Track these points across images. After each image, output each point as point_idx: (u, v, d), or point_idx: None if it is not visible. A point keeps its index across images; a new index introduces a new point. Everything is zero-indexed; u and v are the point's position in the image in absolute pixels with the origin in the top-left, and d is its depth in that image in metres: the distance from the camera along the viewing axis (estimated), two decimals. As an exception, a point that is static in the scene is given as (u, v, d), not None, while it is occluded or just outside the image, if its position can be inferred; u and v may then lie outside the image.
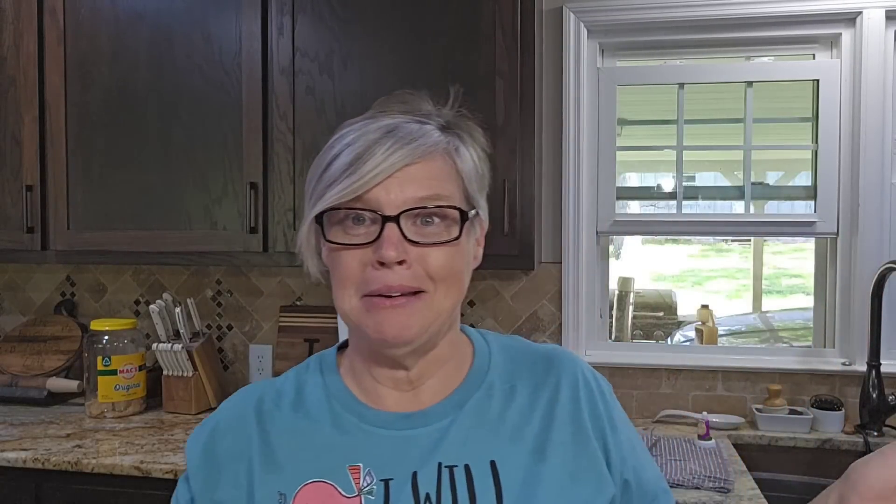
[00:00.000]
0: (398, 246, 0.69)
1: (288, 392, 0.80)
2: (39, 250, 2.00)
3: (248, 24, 1.85)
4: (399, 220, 0.69)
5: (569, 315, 2.06)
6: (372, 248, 0.70)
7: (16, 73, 1.98)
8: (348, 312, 0.73)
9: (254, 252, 1.88)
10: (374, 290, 0.70)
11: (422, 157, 0.71)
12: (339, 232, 0.72)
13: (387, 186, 0.69)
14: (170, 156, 1.91)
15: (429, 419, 0.75)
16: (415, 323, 0.70)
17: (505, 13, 1.74)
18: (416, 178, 0.70)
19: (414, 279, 0.70)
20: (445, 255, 0.72)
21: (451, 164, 0.74)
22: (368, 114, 0.76)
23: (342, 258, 0.71)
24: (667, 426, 1.95)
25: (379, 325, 0.70)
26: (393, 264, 0.69)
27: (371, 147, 0.70)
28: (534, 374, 0.80)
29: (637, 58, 2.15)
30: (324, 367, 0.82)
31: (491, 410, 0.76)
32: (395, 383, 0.77)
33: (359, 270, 0.71)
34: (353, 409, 0.77)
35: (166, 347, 2.00)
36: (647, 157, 3.01)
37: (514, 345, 0.84)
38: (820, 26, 1.97)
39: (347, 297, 0.72)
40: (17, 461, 1.65)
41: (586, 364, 0.84)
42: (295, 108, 1.84)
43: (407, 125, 0.73)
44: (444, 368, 0.78)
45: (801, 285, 10.02)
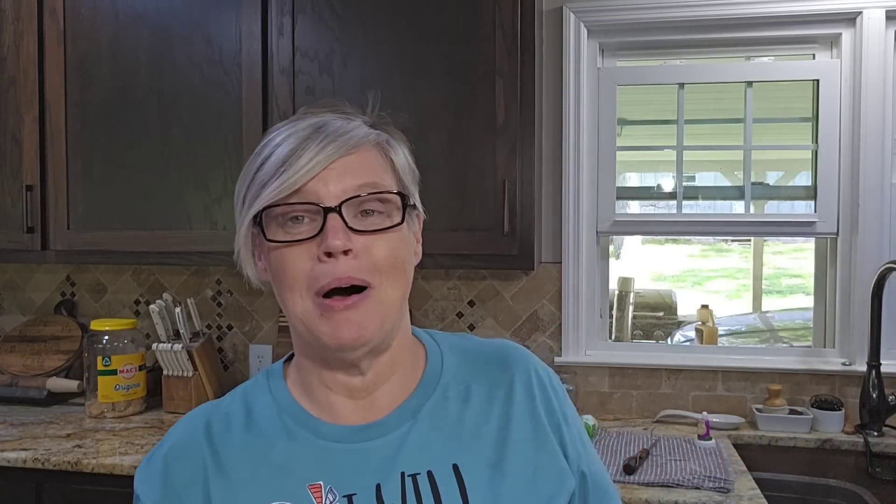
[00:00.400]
0: (343, 235, 0.68)
1: (237, 412, 0.77)
2: (39, 250, 2.00)
3: (248, 24, 1.85)
4: (340, 209, 0.68)
5: (569, 315, 2.06)
6: (316, 242, 0.68)
7: (16, 73, 1.98)
8: (301, 316, 0.70)
9: (254, 252, 1.88)
10: (325, 286, 0.68)
11: (355, 149, 0.71)
12: (279, 232, 0.70)
13: (324, 178, 0.69)
14: (170, 156, 1.91)
15: (386, 428, 0.74)
16: (370, 321, 0.69)
17: (505, 13, 1.74)
18: (351, 168, 0.70)
19: (360, 270, 0.68)
20: (390, 244, 0.71)
21: (383, 156, 0.74)
22: (293, 117, 0.75)
23: (286, 257, 0.70)
24: (667, 426, 1.95)
25: (335, 330, 0.69)
26: (339, 254, 0.67)
27: (303, 143, 0.69)
28: (488, 374, 0.79)
29: (637, 58, 2.15)
30: (272, 383, 0.79)
31: (448, 414, 0.75)
32: (349, 391, 0.75)
33: (306, 267, 0.69)
34: (307, 425, 0.74)
35: (166, 347, 2.00)
36: (647, 157, 3.01)
37: (464, 344, 0.83)
38: (820, 26, 1.97)
39: (298, 298, 0.70)
40: (17, 461, 1.65)
41: (538, 359, 0.84)
42: (295, 108, 1.84)
43: (335, 121, 0.73)
44: (398, 373, 0.77)
45: (801, 285, 10.02)
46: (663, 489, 1.50)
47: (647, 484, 1.52)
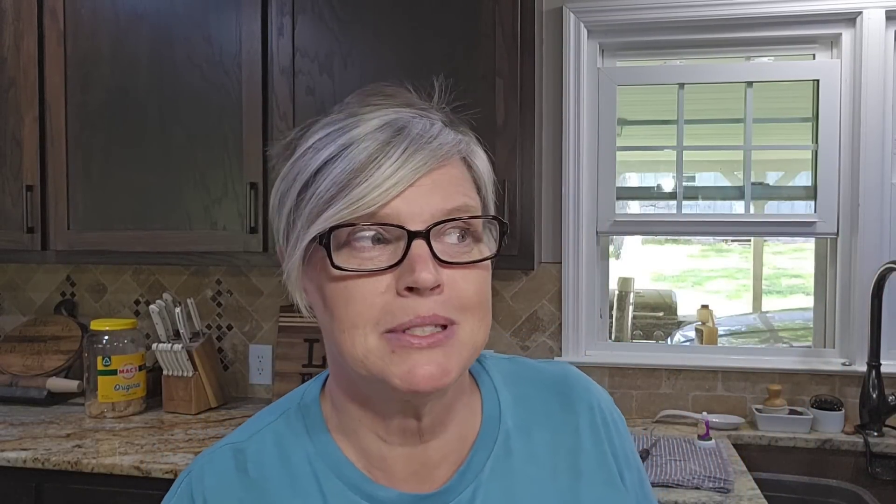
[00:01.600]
0: (433, 267, 0.55)
1: (270, 463, 0.64)
2: (39, 250, 2.00)
3: (248, 25, 1.85)
4: (429, 236, 0.56)
5: (569, 315, 2.06)
6: (394, 273, 0.56)
7: (16, 73, 1.98)
8: (363, 358, 0.57)
9: (254, 252, 1.88)
10: (404, 323, 0.55)
11: (443, 161, 0.58)
12: (344, 255, 0.57)
13: (407, 197, 0.56)
14: (170, 156, 1.91)
15: (448, 497, 0.63)
16: (453, 364, 0.57)
17: (505, 13, 1.74)
18: (439, 185, 0.57)
19: (447, 309, 0.57)
20: (477, 279, 0.59)
21: (467, 169, 0.62)
22: (350, 109, 0.61)
23: (353, 289, 0.56)
24: (667, 426, 1.95)
25: (411, 373, 0.56)
26: (426, 290, 0.55)
27: (382, 148, 0.56)
28: (549, 415, 0.69)
29: (637, 58, 2.15)
30: (310, 428, 0.65)
31: (514, 470, 0.65)
32: (402, 437, 0.63)
33: (378, 302, 0.56)
34: (360, 490, 0.62)
35: (166, 347, 2.00)
36: (647, 157, 3.01)
37: (517, 372, 0.72)
38: (820, 26, 1.97)
39: (361, 337, 0.56)
40: (17, 461, 1.65)
41: (599, 390, 0.75)
42: (295, 108, 1.84)
43: (415, 121, 0.58)
44: (456, 418, 0.65)
45: (801, 285, 10.02)
46: (663, 489, 1.50)
47: (647, 484, 1.52)
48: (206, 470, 0.65)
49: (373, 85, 0.63)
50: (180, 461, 1.63)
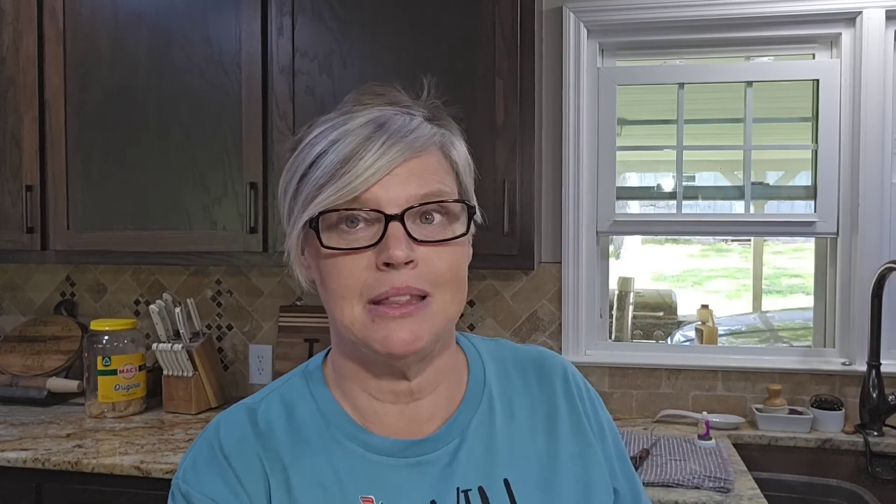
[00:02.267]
0: (406, 245, 0.64)
1: (277, 419, 0.73)
2: (39, 250, 2.00)
3: (247, 24, 1.85)
4: (403, 218, 0.64)
5: (569, 315, 2.06)
6: (374, 251, 0.65)
7: (16, 73, 1.98)
8: (350, 325, 0.67)
9: (254, 252, 1.88)
10: (381, 294, 0.64)
11: (419, 152, 0.66)
12: (333, 237, 0.66)
13: (385, 184, 0.65)
14: (169, 156, 1.91)
15: (437, 444, 0.72)
16: (424, 331, 0.66)
17: (505, 13, 1.74)
18: (414, 173, 0.66)
19: (420, 281, 0.65)
20: (452, 256, 0.67)
21: (444, 158, 0.70)
22: (344, 108, 0.70)
23: (341, 265, 0.66)
24: (667, 426, 1.95)
25: (387, 338, 0.65)
26: (401, 265, 0.64)
27: (364, 143, 0.65)
28: (527, 387, 0.78)
29: (637, 58, 2.15)
30: (313, 387, 0.75)
31: (495, 428, 0.74)
32: (394, 396, 0.72)
33: (362, 277, 0.65)
34: (356, 437, 0.71)
35: (166, 347, 2.00)
36: (647, 157, 3.01)
37: (500, 352, 0.82)
38: (820, 26, 1.97)
39: (349, 307, 0.66)
40: (17, 461, 1.65)
41: (574, 369, 0.83)
42: (295, 108, 1.84)
43: (396, 118, 0.67)
44: (445, 381, 0.75)
45: (801, 285, 10.02)
46: (663, 489, 1.50)
47: (647, 484, 1.52)
48: (221, 424, 0.74)
49: (366, 85, 0.72)
50: (180, 461, 1.63)
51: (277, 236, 1.87)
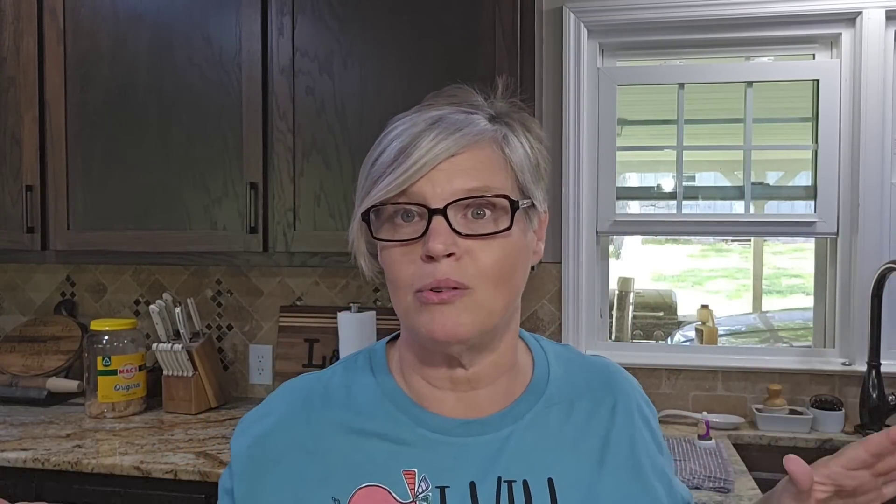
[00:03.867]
0: (446, 238, 0.66)
1: (337, 390, 0.77)
2: (39, 250, 2.00)
3: (248, 24, 1.85)
4: (446, 212, 0.66)
5: (569, 315, 2.06)
6: (420, 243, 0.67)
7: (16, 73, 1.98)
8: (404, 312, 0.70)
9: (254, 252, 1.88)
10: (425, 285, 0.67)
11: (468, 147, 0.68)
12: (388, 229, 0.69)
13: (432, 179, 0.67)
14: (170, 156, 1.91)
15: (487, 428, 0.73)
16: (466, 321, 0.67)
17: (505, 13, 1.74)
18: (462, 168, 0.67)
19: (462, 274, 0.67)
20: (496, 250, 0.68)
21: (500, 154, 0.70)
22: (416, 108, 0.73)
23: (393, 257, 0.69)
24: (667, 426, 1.95)
25: (430, 324, 0.67)
26: (441, 258, 0.66)
27: (415, 139, 0.67)
28: (591, 392, 0.78)
29: (637, 58, 2.15)
30: (374, 366, 0.78)
31: (549, 425, 0.74)
32: (453, 383, 0.74)
33: (410, 268, 0.68)
34: (409, 412, 0.74)
35: (166, 347, 2.00)
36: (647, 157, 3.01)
37: (569, 356, 0.83)
38: (820, 26, 1.97)
39: (402, 296, 0.69)
40: (17, 461, 1.65)
41: (640, 388, 0.84)
42: (295, 108, 1.84)
43: (452, 115, 0.70)
44: (505, 376, 0.76)
45: (801, 285, 10.02)
46: (663, 489, 1.50)
47: (647, 484, 1.52)
48: (277, 395, 0.80)
49: (449, 87, 0.75)
50: (180, 461, 1.63)
51: (277, 236, 1.87)
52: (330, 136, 1.83)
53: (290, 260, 1.88)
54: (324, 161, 1.84)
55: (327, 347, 2.14)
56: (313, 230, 1.85)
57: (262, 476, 0.73)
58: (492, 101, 0.74)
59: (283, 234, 1.86)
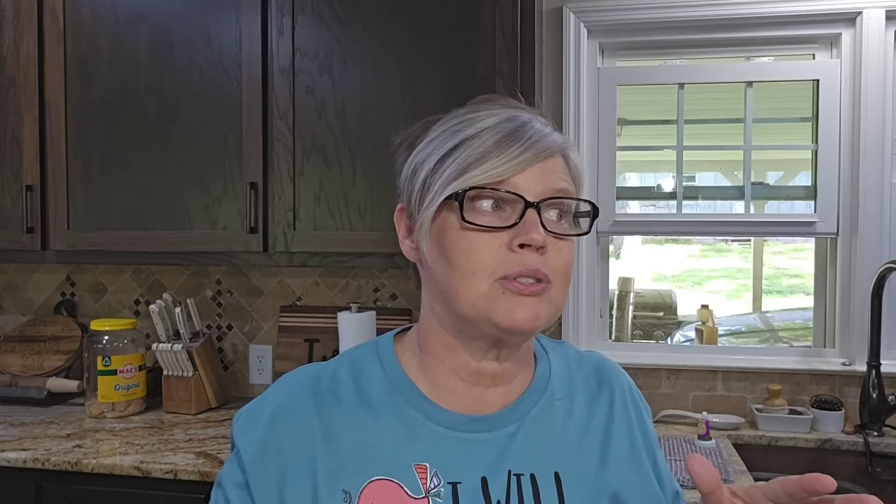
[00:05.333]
0: (541, 231, 0.69)
1: (344, 381, 0.76)
2: (39, 250, 2.00)
3: (248, 24, 1.85)
4: (539, 207, 0.69)
5: (569, 315, 2.06)
6: (510, 233, 0.69)
7: (16, 73, 1.98)
8: (474, 300, 0.69)
9: (254, 252, 1.88)
10: (513, 273, 0.68)
11: (552, 154, 0.72)
12: (470, 215, 0.69)
13: (526, 175, 0.70)
14: (170, 156, 1.91)
15: (495, 424, 0.74)
16: (543, 312, 0.69)
17: (505, 13, 1.74)
18: (550, 171, 0.71)
19: (547, 268, 0.69)
20: (569, 251, 0.72)
21: (566, 164, 0.75)
22: (483, 104, 0.75)
23: (476, 241, 0.69)
24: (667, 426, 1.95)
25: (512, 312, 0.68)
26: (534, 249, 0.68)
27: (511, 135, 0.70)
28: (588, 387, 0.81)
29: (637, 58, 2.15)
30: (382, 358, 0.78)
31: (553, 421, 0.76)
32: (477, 377, 0.75)
33: (494, 255, 0.69)
34: (419, 406, 0.74)
35: (166, 347, 2.00)
36: (647, 157, 3.01)
37: (565, 352, 0.85)
38: (820, 26, 1.97)
39: (476, 282, 0.69)
40: (17, 461, 1.65)
41: (631, 381, 0.86)
42: (295, 108, 1.84)
43: (533, 121, 0.74)
44: (522, 372, 0.78)
45: (801, 285, 10.02)
46: (663, 489, 1.50)
47: (647, 484, 1.52)
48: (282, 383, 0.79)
49: (489, 95, 0.78)
50: (180, 461, 1.63)
51: (277, 236, 1.87)
52: (330, 136, 1.83)
53: (290, 260, 1.88)
54: (324, 161, 1.84)
55: (327, 347, 2.14)
56: (313, 230, 1.85)
57: (279, 468, 0.72)
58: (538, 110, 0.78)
59: (283, 234, 1.86)
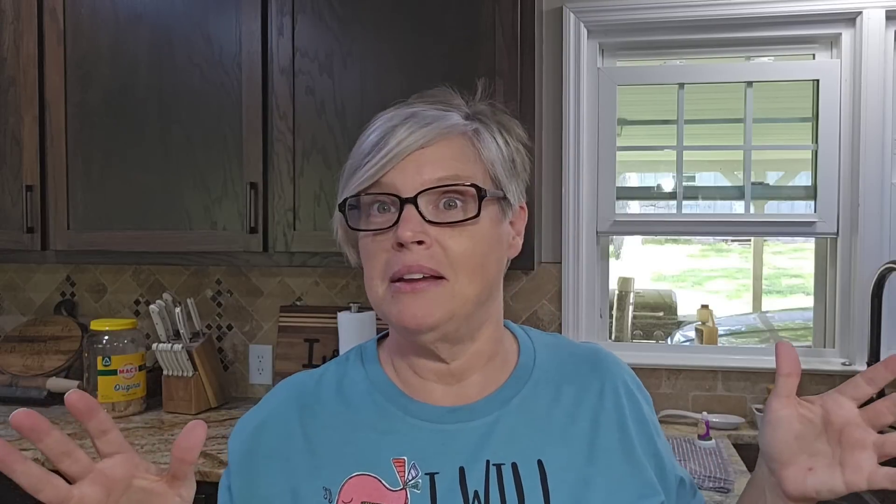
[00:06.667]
0: (415, 226, 0.68)
1: (329, 383, 0.79)
2: (39, 250, 2.00)
3: (248, 24, 1.85)
4: (416, 201, 0.68)
5: (569, 315, 2.06)
6: (392, 232, 0.69)
7: (16, 73, 1.98)
8: (379, 303, 0.72)
9: (254, 252, 1.88)
10: (396, 273, 0.69)
11: (438, 139, 0.70)
12: (364, 220, 0.72)
13: (403, 169, 0.69)
14: (169, 156, 1.91)
15: (474, 414, 0.74)
16: (436, 310, 0.69)
17: (505, 13, 1.74)
18: (433, 159, 0.70)
19: (433, 261, 0.68)
20: (466, 239, 0.70)
21: (470, 147, 0.73)
22: (397, 105, 0.76)
23: (367, 245, 0.71)
24: (667, 426, 1.95)
25: (401, 313, 0.69)
26: (411, 245, 0.68)
27: (388, 132, 0.70)
28: (578, 375, 0.79)
29: (637, 58, 2.15)
30: (365, 359, 0.80)
31: (537, 408, 0.75)
32: (438, 376, 0.76)
33: (383, 256, 0.70)
34: (397, 401, 0.75)
35: (166, 347, 2.00)
36: (647, 157, 3.01)
37: (557, 343, 0.84)
38: (820, 26, 1.97)
39: (375, 285, 0.71)
40: (17, 461, 1.65)
41: (629, 370, 0.84)
42: (295, 108, 1.84)
43: (427, 111, 0.72)
44: (489, 364, 0.77)
45: (801, 285, 10.03)
46: (663, 489, 1.50)
47: (647, 484, 1.52)
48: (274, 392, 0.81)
49: (432, 89, 0.78)
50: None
51: (277, 236, 1.87)
52: (330, 136, 1.83)
53: (290, 260, 1.88)
54: (324, 161, 1.84)
55: (327, 347, 2.14)
56: (313, 230, 1.85)
57: (257, 470, 0.75)
58: (471, 102, 0.77)
59: (283, 234, 1.86)
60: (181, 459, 0.59)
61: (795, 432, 0.66)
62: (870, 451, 0.64)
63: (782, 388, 0.67)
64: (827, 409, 0.66)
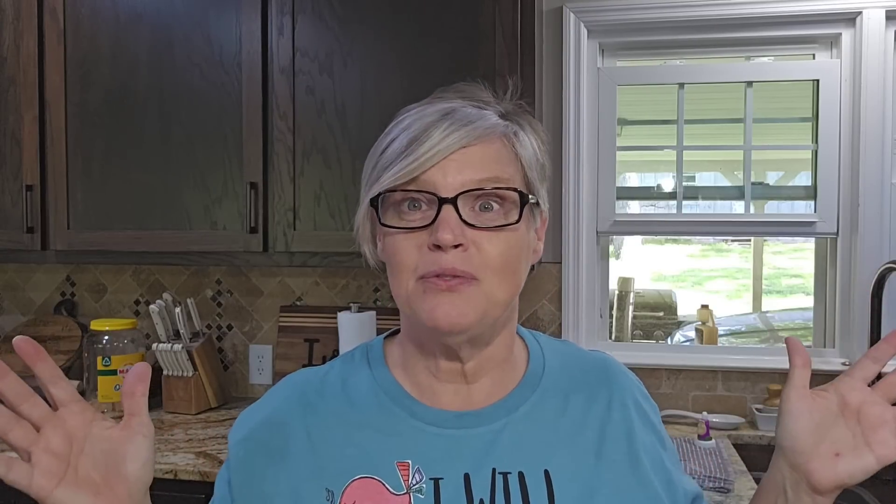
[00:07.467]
0: (455, 228, 0.66)
1: (333, 383, 0.77)
2: (39, 250, 2.00)
3: (248, 24, 1.85)
4: (456, 202, 0.67)
5: (569, 315, 2.06)
6: (428, 232, 0.67)
7: (16, 73, 1.98)
8: (405, 298, 0.69)
9: (254, 252, 1.88)
10: (430, 273, 0.67)
11: (480, 139, 0.69)
12: (394, 216, 0.69)
13: (443, 168, 0.67)
14: (170, 156, 1.91)
15: (481, 420, 0.73)
16: (471, 311, 0.67)
17: (505, 13, 1.74)
18: (473, 159, 0.68)
19: (469, 264, 0.67)
20: (503, 243, 0.68)
21: (510, 149, 0.71)
22: (426, 100, 0.73)
23: (397, 243, 0.69)
24: (667, 426, 1.93)
25: (433, 310, 0.67)
26: (449, 248, 0.66)
27: (427, 129, 0.68)
28: (587, 385, 0.78)
29: (637, 58, 2.15)
30: (371, 359, 0.79)
31: (545, 417, 0.74)
32: (451, 376, 0.74)
33: (415, 255, 0.68)
34: (403, 404, 0.74)
35: (166, 347, 2.00)
36: (647, 157, 3.01)
37: (566, 350, 0.83)
38: (820, 26, 1.97)
39: (404, 281, 0.69)
40: (17, 461, 1.65)
41: (638, 383, 0.83)
42: (295, 108, 1.84)
43: (464, 108, 0.70)
44: (499, 368, 0.76)
45: (801, 285, 10.02)
46: (663, 489, 1.50)
47: (647, 484, 1.52)
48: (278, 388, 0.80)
49: (458, 83, 0.75)
50: (180, 461, 1.63)
51: (277, 236, 1.87)
52: (330, 135, 1.83)
53: (290, 260, 1.88)
54: (324, 161, 1.84)
55: (327, 347, 2.14)
56: (313, 230, 1.85)
57: (259, 467, 0.74)
58: (501, 99, 0.75)
59: (283, 233, 1.86)
60: (131, 393, 0.62)
61: (816, 421, 0.66)
62: (891, 424, 0.65)
63: (798, 379, 0.68)
64: (841, 393, 0.67)
